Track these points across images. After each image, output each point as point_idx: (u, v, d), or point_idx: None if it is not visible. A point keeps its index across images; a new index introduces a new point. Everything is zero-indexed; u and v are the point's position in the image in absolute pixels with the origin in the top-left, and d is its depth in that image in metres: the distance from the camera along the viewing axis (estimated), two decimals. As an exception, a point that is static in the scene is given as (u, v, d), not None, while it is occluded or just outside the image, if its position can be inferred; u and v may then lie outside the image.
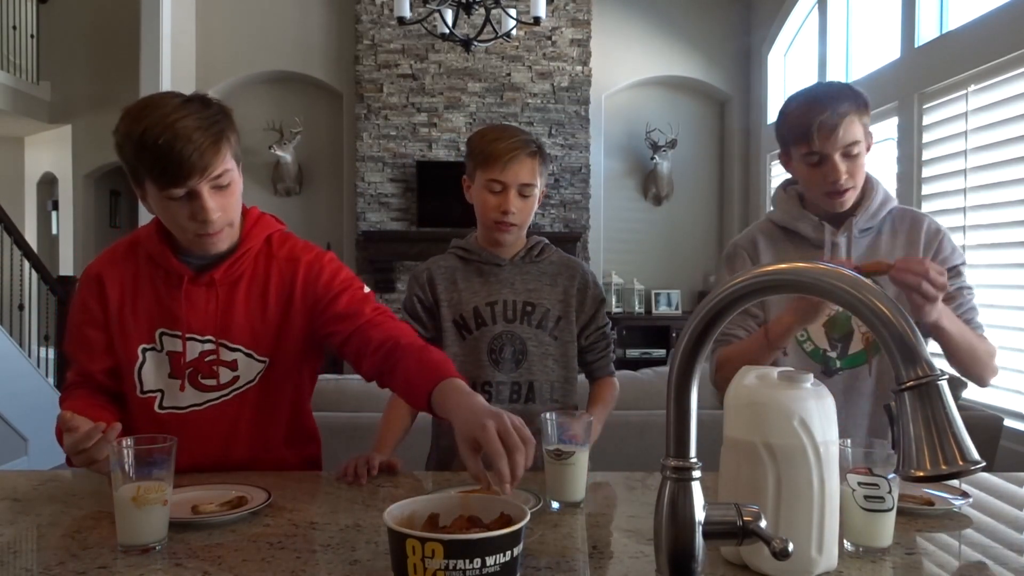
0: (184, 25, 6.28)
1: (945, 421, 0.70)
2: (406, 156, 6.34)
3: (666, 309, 6.74)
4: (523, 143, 1.63)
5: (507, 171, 1.62)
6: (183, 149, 1.29)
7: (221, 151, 1.34)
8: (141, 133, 1.30)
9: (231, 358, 1.47)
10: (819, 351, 1.60)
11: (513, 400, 1.66)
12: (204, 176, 1.32)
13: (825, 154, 1.51)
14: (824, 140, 1.50)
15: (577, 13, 6.39)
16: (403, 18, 4.45)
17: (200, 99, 1.37)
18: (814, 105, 1.52)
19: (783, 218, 1.66)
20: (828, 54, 5.47)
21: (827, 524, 0.96)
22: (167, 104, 1.33)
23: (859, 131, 1.52)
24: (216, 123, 1.34)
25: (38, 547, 1.12)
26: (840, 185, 1.53)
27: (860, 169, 1.55)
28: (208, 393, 1.48)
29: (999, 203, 3.59)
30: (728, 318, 0.80)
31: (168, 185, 1.33)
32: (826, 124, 1.49)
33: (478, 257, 1.71)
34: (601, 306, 1.75)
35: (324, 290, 1.50)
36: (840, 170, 1.52)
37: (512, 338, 1.67)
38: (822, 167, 1.53)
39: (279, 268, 1.50)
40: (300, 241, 1.57)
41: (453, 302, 1.69)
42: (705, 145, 7.03)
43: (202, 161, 1.31)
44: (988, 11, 3.70)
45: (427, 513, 0.95)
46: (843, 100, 1.51)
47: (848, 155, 1.52)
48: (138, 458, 1.07)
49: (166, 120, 1.30)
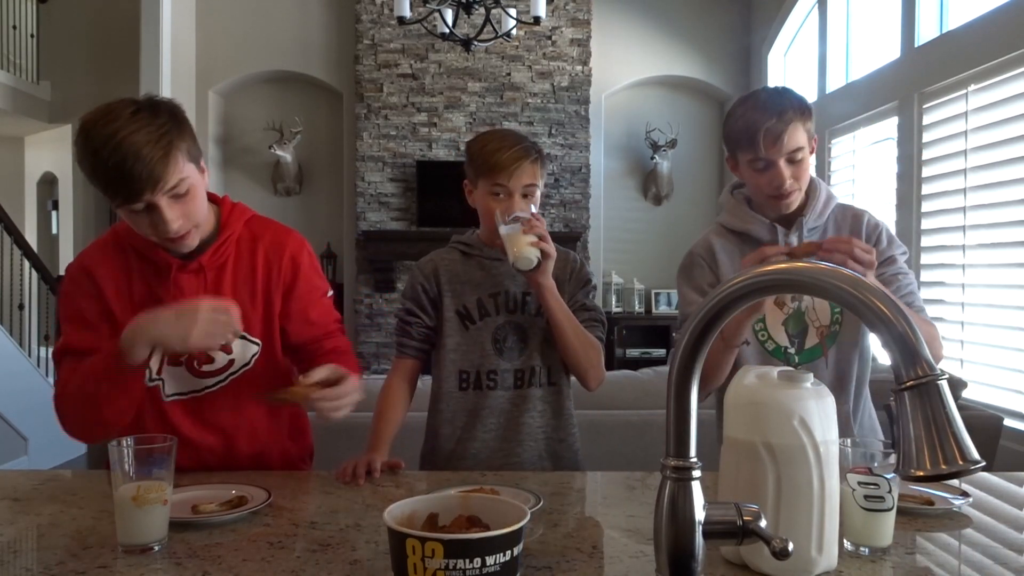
0: (184, 25, 6.28)
1: (945, 421, 0.70)
2: (406, 156, 6.34)
3: (666, 309, 6.73)
4: (525, 151, 1.65)
5: (512, 179, 1.65)
6: (133, 167, 1.29)
7: (173, 161, 1.33)
8: (92, 153, 1.30)
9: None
10: (780, 348, 1.64)
11: (517, 386, 1.69)
12: (157, 190, 1.33)
13: (771, 160, 1.57)
14: (769, 147, 1.56)
15: (577, 13, 6.39)
16: (403, 18, 4.45)
17: (149, 106, 1.35)
18: (759, 113, 1.57)
19: (734, 222, 1.71)
20: (828, 54, 5.47)
21: (827, 524, 0.96)
22: (116, 117, 1.31)
23: (803, 137, 1.58)
24: (165, 134, 1.33)
25: (38, 547, 1.12)
26: (785, 189, 1.59)
27: (804, 172, 1.61)
28: (205, 379, 1.49)
29: (999, 203, 3.59)
30: (727, 318, 0.80)
31: (124, 202, 1.34)
32: (771, 132, 1.55)
33: (479, 252, 1.74)
34: (586, 285, 1.76)
35: (305, 287, 1.57)
36: (785, 175, 1.58)
37: (515, 327, 1.70)
38: (768, 172, 1.59)
39: (265, 251, 1.55)
40: (279, 225, 1.63)
41: (456, 293, 1.72)
42: (705, 145, 7.02)
43: (153, 176, 1.31)
44: (988, 11, 3.70)
45: (427, 513, 0.95)
46: (787, 107, 1.57)
47: (792, 160, 1.58)
48: (138, 458, 1.07)
49: (115, 138, 1.29)
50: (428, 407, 1.76)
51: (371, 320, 6.36)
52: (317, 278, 1.61)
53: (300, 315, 1.56)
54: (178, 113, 1.38)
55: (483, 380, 1.69)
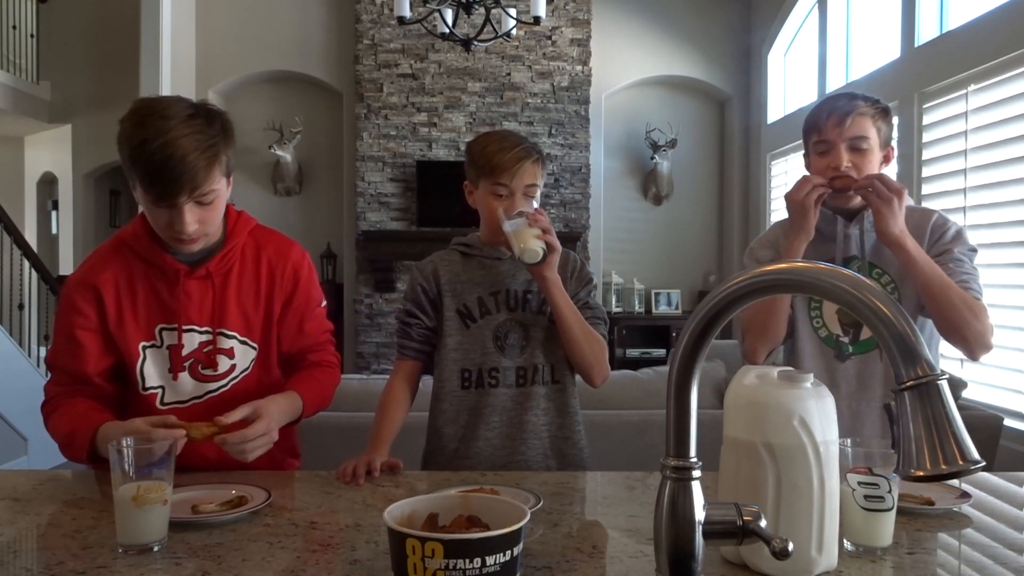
0: (184, 25, 6.28)
1: (945, 421, 0.70)
2: (406, 156, 6.34)
3: (666, 309, 6.73)
4: (526, 152, 1.66)
5: (514, 179, 1.66)
6: (175, 168, 1.32)
7: (213, 173, 1.37)
8: (140, 142, 1.32)
9: (228, 346, 1.53)
10: (832, 336, 1.66)
11: (520, 384, 1.69)
12: (191, 196, 1.36)
13: (831, 141, 1.60)
14: (832, 128, 1.60)
15: (577, 13, 6.39)
16: (403, 18, 4.45)
17: (206, 113, 1.39)
18: (833, 99, 1.64)
19: None
20: (828, 54, 5.47)
21: (827, 524, 0.96)
22: (172, 115, 1.34)
23: (870, 129, 1.60)
24: (213, 145, 1.36)
25: (38, 547, 1.12)
26: (840, 170, 1.60)
27: (867, 165, 1.61)
28: (209, 384, 1.52)
29: (999, 203, 3.59)
30: (728, 318, 0.80)
31: (156, 199, 1.37)
32: (836, 113, 1.59)
33: (480, 252, 1.74)
34: (588, 284, 1.77)
35: (303, 298, 1.61)
36: (843, 156, 1.59)
37: (516, 325, 1.70)
38: (828, 155, 1.61)
39: (268, 259, 1.58)
40: (282, 236, 1.66)
41: (456, 292, 1.72)
42: (705, 145, 7.02)
43: (193, 183, 1.35)
44: (988, 11, 3.70)
45: (427, 513, 0.95)
46: (861, 100, 1.61)
47: (855, 148, 1.60)
48: (138, 458, 1.07)
49: (167, 135, 1.32)
50: (429, 407, 1.76)
51: (371, 320, 6.36)
52: (314, 290, 1.65)
53: (294, 325, 1.60)
54: (229, 127, 1.42)
55: (485, 378, 1.69)
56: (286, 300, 1.59)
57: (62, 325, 1.52)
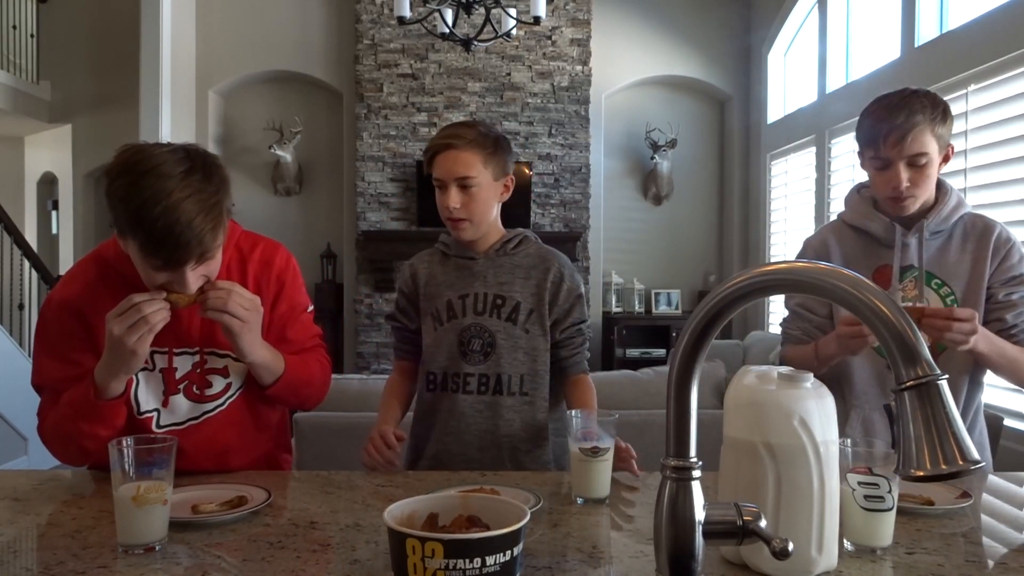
0: (184, 25, 6.28)
1: (945, 421, 0.70)
2: (406, 156, 6.34)
3: (666, 309, 6.73)
4: (455, 135, 1.60)
5: (438, 167, 1.61)
6: (181, 235, 1.23)
7: (218, 234, 1.30)
8: (139, 207, 1.22)
9: (221, 364, 1.49)
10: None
11: (481, 392, 1.65)
12: (199, 261, 1.29)
13: (890, 160, 1.56)
14: (890, 147, 1.55)
15: (577, 13, 6.39)
16: (403, 18, 4.45)
17: (202, 167, 1.28)
18: (889, 112, 1.56)
19: (854, 217, 1.71)
20: (828, 54, 5.46)
21: (827, 524, 0.96)
22: (169, 172, 1.24)
23: (929, 143, 1.56)
24: (216, 203, 1.27)
25: (38, 547, 1.12)
26: (901, 192, 1.58)
27: (926, 179, 1.58)
28: (205, 404, 1.48)
29: (999, 203, 3.59)
30: (728, 318, 0.80)
31: (159, 266, 1.28)
32: (895, 131, 1.54)
33: (455, 252, 1.72)
34: (578, 301, 1.70)
35: (286, 305, 1.55)
36: (902, 178, 1.57)
37: (481, 330, 1.65)
38: (886, 172, 1.58)
39: (254, 271, 1.53)
40: (267, 241, 1.59)
41: (430, 295, 1.71)
42: (705, 145, 7.02)
43: (199, 249, 1.27)
44: (988, 11, 3.70)
45: (427, 513, 0.96)
46: (918, 110, 1.55)
47: (914, 164, 1.57)
48: (138, 458, 1.07)
49: (168, 198, 1.22)
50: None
51: (371, 320, 6.36)
52: (299, 295, 1.59)
53: (277, 332, 1.54)
54: (223, 174, 1.32)
55: (448, 382, 1.66)
56: (271, 307, 1.53)
57: (52, 347, 1.45)
